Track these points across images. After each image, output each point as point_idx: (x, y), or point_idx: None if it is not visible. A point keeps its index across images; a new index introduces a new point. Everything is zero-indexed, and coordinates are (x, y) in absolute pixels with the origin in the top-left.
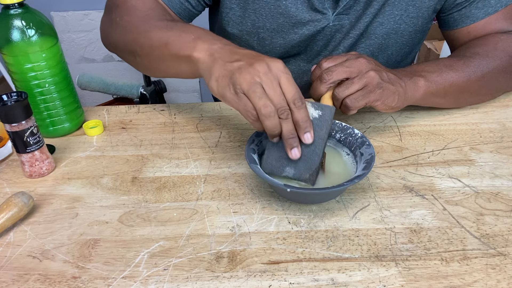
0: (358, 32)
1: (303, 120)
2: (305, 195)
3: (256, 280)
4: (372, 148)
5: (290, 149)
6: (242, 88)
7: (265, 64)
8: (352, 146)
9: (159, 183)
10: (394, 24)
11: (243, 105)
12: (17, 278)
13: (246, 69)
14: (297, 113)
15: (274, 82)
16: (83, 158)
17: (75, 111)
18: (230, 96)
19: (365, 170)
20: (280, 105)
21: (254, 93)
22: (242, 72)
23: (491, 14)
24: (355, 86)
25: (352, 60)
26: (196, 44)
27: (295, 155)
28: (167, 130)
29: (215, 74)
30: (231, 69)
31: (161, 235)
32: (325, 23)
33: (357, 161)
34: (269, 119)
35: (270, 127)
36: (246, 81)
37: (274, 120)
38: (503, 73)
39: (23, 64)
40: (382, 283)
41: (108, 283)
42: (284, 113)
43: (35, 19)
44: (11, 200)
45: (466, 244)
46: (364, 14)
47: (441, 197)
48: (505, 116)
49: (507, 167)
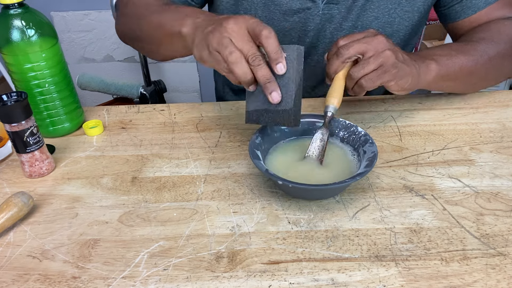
0: (351, 24)
1: (271, 51)
2: (307, 190)
3: (256, 280)
4: (375, 146)
5: (269, 93)
6: (213, 46)
7: (232, 19)
8: (355, 144)
9: (159, 183)
10: (388, 18)
11: (215, 60)
12: (17, 278)
13: (217, 28)
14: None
15: (243, 35)
16: (83, 158)
17: (75, 111)
18: (205, 56)
19: (367, 168)
20: (250, 52)
21: (221, 45)
22: (213, 32)
23: (492, 3)
24: (371, 66)
25: (369, 37)
26: (184, 21)
27: (276, 98)
28: (167, 130)
29: (196, 41)
30: (206, 32)
31: (161, 235)
32: (315, 11)
33: (360, 159)
34: (237, 66)
35: (240, 73)
36: (215, 39)
37: (242, 66)
38: (508, 57)
39: (23, 64)
40: (382, 283)
41: (108, 283)
42: (255, 59)
43: (35, 19)
44: (11, 200)
45: (466, 244)
46: (354, 5)
47: (441, 197)
48: (505, 116)
49: (507, 167)
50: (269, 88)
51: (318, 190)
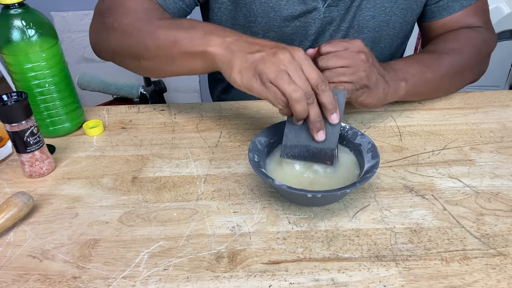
0: (348, 25)
1: (329, 102)
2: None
3: (256, 280)
4: (367, 136)
5: (317, 132)
6: (269, 78)
7: (288, 52)
8: (343, 139)
9: (159, 183)
10: (385, 17)
11: (273, 94)
12: (17, 278)
13: (269, 59)
14: (323, 96)
15: (299, 69)
16: (83, 158)
17: (75, 111)
18: (257, 86)
19: (376, 159)
20: (306, 90)
21: (282, 80)
22: (266, 62)
23: (466, 7)
24: (344, 78)
25: (352, 52)
26: (209, 40)
27: (321, 137)
28: (167, 130)
29: (237, 66)
30: (253, 60)
31: (161, 235)
32: (316, 15)
33: (358, 153)
34: (299, 104)
35: (300, 111)
36: (272, 70)
37: (303, 104)
38: (471, 67)
39: (23, 64)
40: (382, 283)
41: (108, 283)
42: (310, 97)
43: (35, 19)
44: (11, 200)
45: (466, 244)
46: (351, 5)
47: (441, 197)
48: (505, 116)
49: (507, 167)
50: (318, 126)
51: (331, 196)
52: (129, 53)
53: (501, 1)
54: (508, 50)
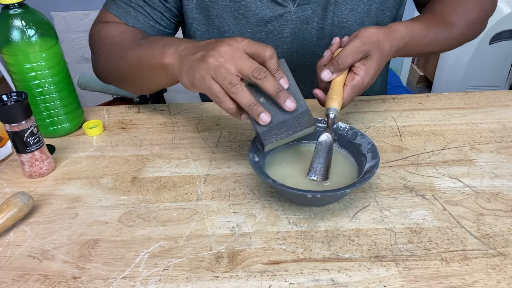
0: (329, 21)
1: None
2: (327, 198)
3: (256, 280)
4: (367, 137)
5: (284, 101)
6: (208, 72)
7: (226, 44)
8: (343, 140)
9: (159, 183)
10: (364, 7)
11: (208, 87)
12: (17, 278)
13: (208, 54)
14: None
15: (238, 55)
16: (83, 158)
17: (75, 111)
18: (197, 82)
19: (376, 159)
20: (253, 67)
21: (219, 74)
22: (205, 58)
23: None
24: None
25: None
26: (164, 51)
27: (291, 105)
28: (167, 130)
29: (184, 70)
30: (195, 59)
31: (161, 235)
32: (288, 16)
33: (357, 155)
34: (240, 95)
35: (244, 101)
36: (209, 65)
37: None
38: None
39: (23, 64)
40: (382, 283)
41: (108, 283)
42: (261, 72)
43: (35, 19)
44: (11, 200)
45: (466, 244)
46: (328, 2)
47: (441, 197)
48: (505, 116)
49: (507, 167)
50: (283, 97)
51: (332, 197)
52: (114, 77)
53: (501, 1)
54: (508, 50)
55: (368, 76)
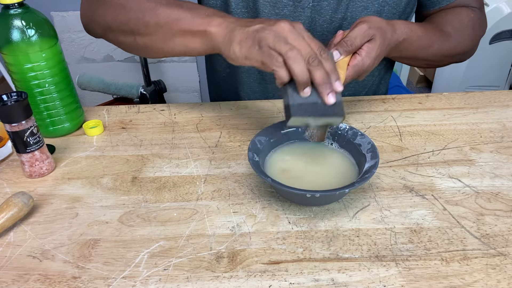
0: (341, 16)
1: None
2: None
3: (256, 280)
4: (367, 137)
5: (327, 94)
6: (267, 43)
7: (288, 23)
8: (343, 139)
9: (159, 183)
10: (378, 7)
11: (268, 55)
12: (17, 278)
13: (270, 28)
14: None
15: (299, 36)
16: (83, 158)
17: (75, 111)
18: (254, 52)
19: (375, 159)
20: (309, 53)
21: (279, 43)
22: (266, 30)
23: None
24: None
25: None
26: (211, 20)
27: (332, 100)
28: (167, 130)
29: (237, 38)
30: (253, 29)
31: (161, 235)
32: (306, 3)
33: (355, 153)
34: (296, 63)
35: (298, 71)
36: (271, 36)
37: (301, 64)
38: (466, 50)
39: (23, 64)
40: (382, 283)
41: (108, 283)
42: (315, 60)
43: (35, 19)
44: (11, 200)
45: (466, 244)
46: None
47: (441, 197)
48: (505, 116)
49: (507, 167)
50: (327, 89)
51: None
52: (125, 29)
53: (501, 1)
54: (508, 50)
55: (369, 58)
